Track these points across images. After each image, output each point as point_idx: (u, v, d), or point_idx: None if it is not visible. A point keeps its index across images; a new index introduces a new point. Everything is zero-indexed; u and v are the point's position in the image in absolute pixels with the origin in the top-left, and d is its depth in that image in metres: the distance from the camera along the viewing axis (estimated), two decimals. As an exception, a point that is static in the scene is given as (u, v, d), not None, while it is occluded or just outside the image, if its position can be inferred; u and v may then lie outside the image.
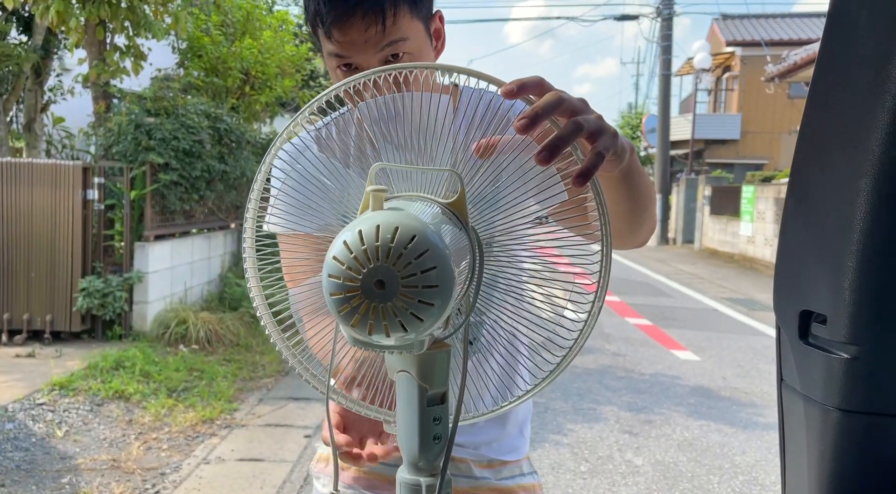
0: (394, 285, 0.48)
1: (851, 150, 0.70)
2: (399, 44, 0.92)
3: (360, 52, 0.92)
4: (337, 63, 0.95)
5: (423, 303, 0.49)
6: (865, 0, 0.66)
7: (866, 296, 0.70)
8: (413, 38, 0.94)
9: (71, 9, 5.51)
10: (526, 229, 0.69)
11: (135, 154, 5.74)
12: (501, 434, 1.10)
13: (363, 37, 0.91)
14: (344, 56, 0.93)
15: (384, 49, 0.92)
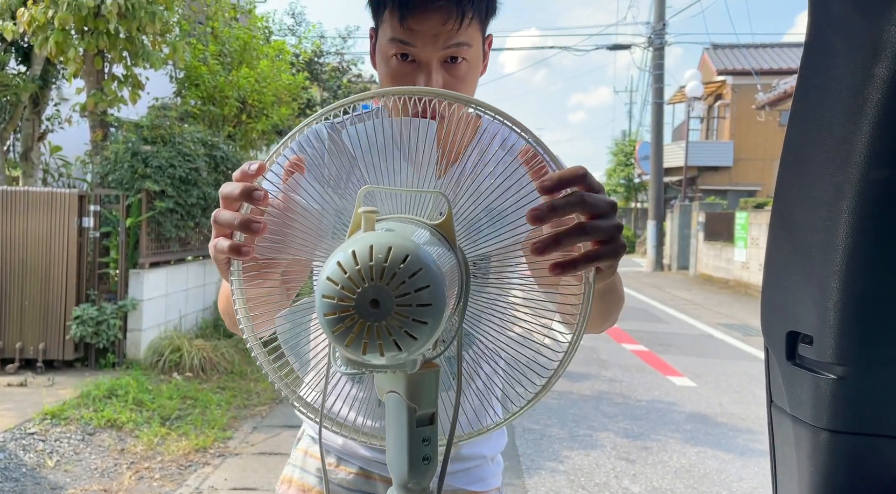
0: (388, 304, 0.49)
1: (832, 172, 0.71)
2: (463, 48, 0.93)
3: (427, 45, 0.92)
4: (396, 51, 0.93)
5: (417, 321, 0.50)
6: (841, 28, 0.69)
7: (851, 317, 0.71)
8: (474, 47, 0.95)
9: (70, 39, 5.57)
10: (512, 250, 0.70)
11: (131, 182, 5.76)
12: (469, 463, 1.06)
13: (437, 30, 0.91)
14: (409, 44, 0.92)
15: (449, 48, 0.92)
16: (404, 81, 0.93)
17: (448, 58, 0.93)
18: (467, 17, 0.91)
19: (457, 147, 0.72)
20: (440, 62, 0.93)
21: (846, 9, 0.66)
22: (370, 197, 0.66)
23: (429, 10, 0.90)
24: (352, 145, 0.69)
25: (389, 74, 0.95)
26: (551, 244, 0.60)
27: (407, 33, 0.91)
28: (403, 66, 0.94)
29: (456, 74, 0.94)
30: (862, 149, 0.68)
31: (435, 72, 0.93)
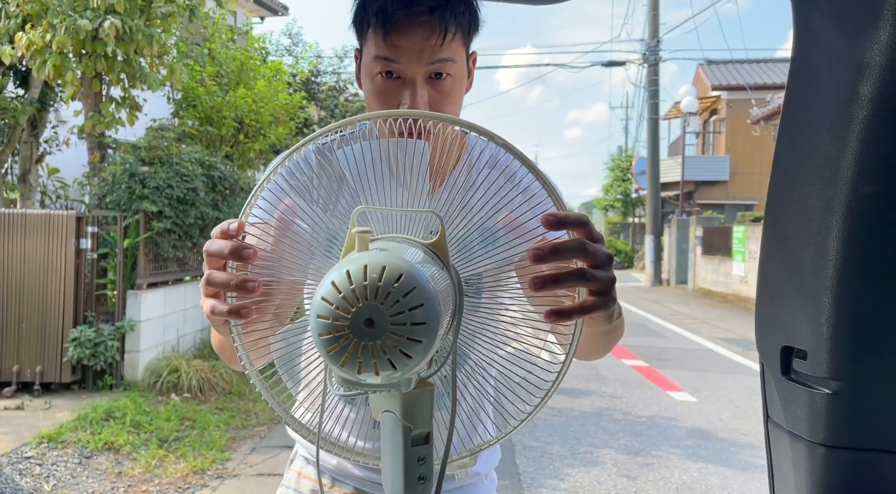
0: (382, 323, 0.49)
1: (821, 188, 0.72)
2: (447, 63, 0.93)
3: (411, 61, 0.92)
4: (381, 68, 0.93)
5: (412, 340, 0.50)
6: (825, 47, 0.70)
7: (844, 331, 0.71)
8: (459, 63, 0.95)
9: (68, 62, 5.61)
10: (505, 269, 0.71)
11: (129, 203, 5.77)
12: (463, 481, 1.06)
13: (420, 45, 0.91)
14: (393, 61, 0.92)
15: (434, 64, 0.92)
16: (389, 98, 0.94)
17: (433, 73, 0.93)
18: (450, 32, 0.92)
19: (444, 166, 0.73)
20: (425, 78, 0.93)
21: (830, 29, 0.68)
22: (363, 217, 0.66)
23: (412, 25, 0.90)
24: (347, 167, 0.70)
25: (374, 92, 0.95)
26: (551, 283, 0.61)
27: (391, 50, 0.92)
28: (388, 83, 0.94)
29: (441, 89, 0.94)
30: (849, 165, 0.68)
31: (420, 88, 0.93)
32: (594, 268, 0.64)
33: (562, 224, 0.63)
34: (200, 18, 6.80)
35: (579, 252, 0.63)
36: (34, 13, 5.43)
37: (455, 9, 0.92)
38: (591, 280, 0.63)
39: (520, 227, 0.68)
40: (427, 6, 0.90)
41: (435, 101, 0.94)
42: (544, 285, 0.61)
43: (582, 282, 0.63)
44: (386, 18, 0.90)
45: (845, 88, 0.66)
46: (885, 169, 0.67)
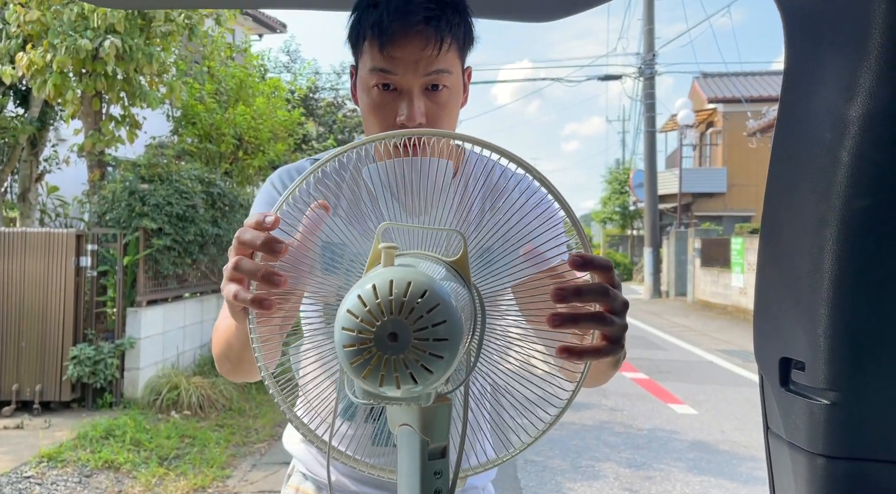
0: (406, 337, 0.50)
1: (815, 203, 0.74)
2: (443, 75, 0.94)
3: (407, 72, 0.92)
4: (377, 80, 0.94)
5: (434, 356, 0.51)
6: (816, 68, 0.71)
7: (841, 343, 0.73)
8: (454, 75, 0.96)
9: (68, 82, 5.65)
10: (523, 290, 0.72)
11: (128, 220, 5.78)
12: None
13: (417, 55, 0.91)
14: (390, 72, 0.92)
15: (430, 75, 0.93)
16: (386, 111, 0.94)
17: (429, 85, 0.94)
18: (446, 43, 0.92)
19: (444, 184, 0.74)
20: (421, 89, 0.94)
21: (820, 47, 0.70)
22: (387, 233, 0.67)
23: (408, 35, 0.91)
24: (372, 183, 0.71)
25: (371, 105, 0.96)
26: (569, 322, 0.62)
27: (387, 61, 0.92)
28: (384, 95, 0.94)
29: (437, 100, 0.95)
30: (842, 180, 0.70)
31: (416, 99, 0.93)
32: (611, 313, 0.65)
33: (588, 266, 0.64)
34: (199, 37, 6.86)
35: (601, 296, 0.64)
36: (35, 33, 5.47)
37: (450, 20, 0.93)
38: (608, 325, 0.64)
39: (538, 256, 0.68)
40: (423, 16, 0.90)
41: (432, 113, 0.94)
42: (562, 323, 0.62)
43: (600, 326, 0.64)
44: (382, 30, 0.91)
45: (836, 104, 0.68)
46: (877, 183, 0.69)
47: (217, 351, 0.95)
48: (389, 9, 0.91)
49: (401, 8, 0.90)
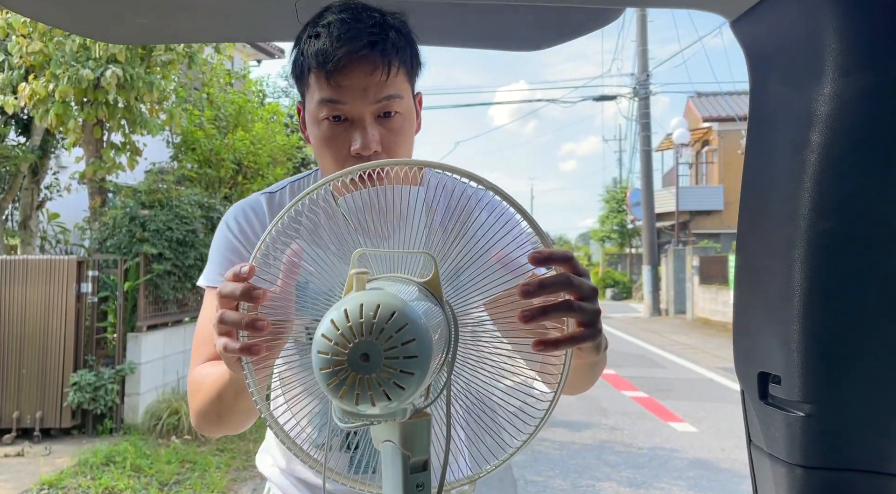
0: (377, 357, 0.54)
1: (783, 225, 0.78)
2: (394, 100, 0.92)
3: (357, 99, 0.90)
4: (327, 113, 0.92)
5: (405, 373, 0.54)
6: (778, 99, 0.76)
7: (813, 356, 0.77)
8: (406, 99, 0.95)
9: (70, 111, 5.73)
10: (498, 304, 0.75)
11: (129, 246, 5.83)
12: None
13: (365, 82, 0.90)
14: (339, 102, 0.91)
15: (381, 101, 0.91)
16: (338, 143, 0.93)
17: (381, 112, 0.92)
18: (394, 67, 0.91)
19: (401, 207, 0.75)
20: (374, 117, 0.92)
21: (781, 85, 0.75)
22: (364, 259, 0.71)
23: (353, 62, 0.89)
24: (347, 212, 0.74)
25: (322, 138, 0.94)
26: (539, 315, 0.65)
27: (336, 91, 0.90)
28: (335, 127, 0.92)
29: (391, 127, 0.93)
30: (806, 203, 0.75)
31: (370, 127, 0.91)
32: (580, 301, 0.67)
33: (548, 260, 0.67)
34: (199, 64, 6.96)
35: (566, 286, 0.66)
36: (37, 64, 5.56)
37: (396, 43, 0.91)
38: (578, 311, 0.66)
39: (510, 263, 0.72)
40: (367, 41, 0.89)
41: (387, 140, 0.93)
42: (533, 318, 0.65)
43: (569, 313, 0.66)
44: (326, 58, 0.89)
45: (797, 132, 0.73)
46: (839, 206, 0.73)
47: (201, 406, 0.93)
48: (332, 37, 0.89)
49: (343, 35, 0.89)
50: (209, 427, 0.95)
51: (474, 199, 0.77)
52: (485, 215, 0.75)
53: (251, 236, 1.04)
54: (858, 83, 0.66)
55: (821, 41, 0.67)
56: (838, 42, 0.66)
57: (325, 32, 0.90)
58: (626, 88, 20.38)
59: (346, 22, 0.90)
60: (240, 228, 1.05)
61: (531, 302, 0.67)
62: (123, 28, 1.13)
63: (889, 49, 0.65)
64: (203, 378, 0.94)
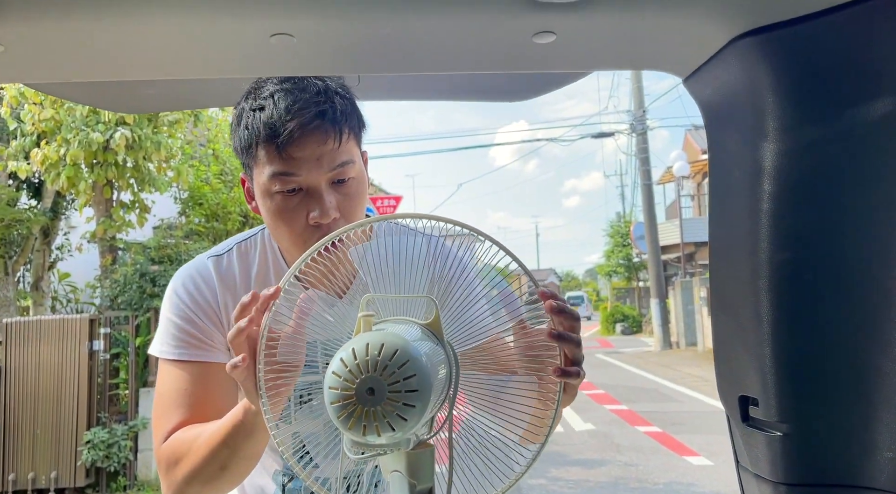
0: (381, 391, 0.60)
1: (747, 257, 0.86)
2: (347, 166, 0.92)
3: (311, 170, 0.90)
4: (281, 186, 0.91)
5: (407, 405, 0.61)
6: (732, 153, 0.85)
7: (785, 378, 0.83)
8: (357, 163, 0.95)
9: (80, 173, 5.91)
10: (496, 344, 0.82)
11: (139, 302, 5.92)
12: None
13: (318, 152, 0.89)
14: (293, 174, 0.90)
15: (335, 169, 0.91)
16: (294, 214, 0.92)
17: (335, 179, 0.92)
18: (345, 133, 0.91)
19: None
20: (328, 184, 0.92)
21: (733, 141, 0.83)
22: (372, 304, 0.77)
23: (305, 133, 0.88)
24: (358, 262, 0.78)
25: (276, 211, 0.93)
26: (562, 337, 0.74)
27: (288, 163, 0.89)
28: (289, 198, 0.91)
29: (347, 192, 0.94)
30: (764, 238, 0.82)
31: (326, 194, 0.91)
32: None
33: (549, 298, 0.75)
34: (204, 122, 7.16)
35: (576, 321, 0.76)
36: (49, 130, 5.76)
37: (343, 109, 0.92)
38: (578, 349, 0.76)
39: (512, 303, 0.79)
40: (316, 111, 0.89)
41: (344, 205, 0.93)
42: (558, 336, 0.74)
43: (576, 348, 0.75)
44: (276, 131, 0.88)
45: (751, 181, 0.81)
46: (793, 239, 0.81)
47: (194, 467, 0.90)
48: (279, 109, 0.89)
49: (291, 107, 0.88)
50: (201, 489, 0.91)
51: (468, 249, 0.83)
52: (474, 261, 0.81)
53: (202, 304, 1.03)
54: (797, 134, 0.75)
55: (762, 97, 0.75)
56: (776, 98, 0.74)
57: (271, 104, 0.89)
58: (623, 125, 20.67)
59: (290, 92, 0.90)
60: (190, 296, 1.03)
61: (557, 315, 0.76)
62: (133, 99, 1.21)
63: (821, 103, 0.73)
64: (191, 440, 0.92)
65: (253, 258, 1.08)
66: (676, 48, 0.80)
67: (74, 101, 1.25)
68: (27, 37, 0.67)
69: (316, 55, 0.75)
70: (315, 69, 0.82)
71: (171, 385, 1.02)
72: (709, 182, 0.90)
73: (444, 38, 0.74)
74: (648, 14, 0.73)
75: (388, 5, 0.68)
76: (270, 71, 0.78)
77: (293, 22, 0.67)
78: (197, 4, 0.65)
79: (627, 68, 0.85)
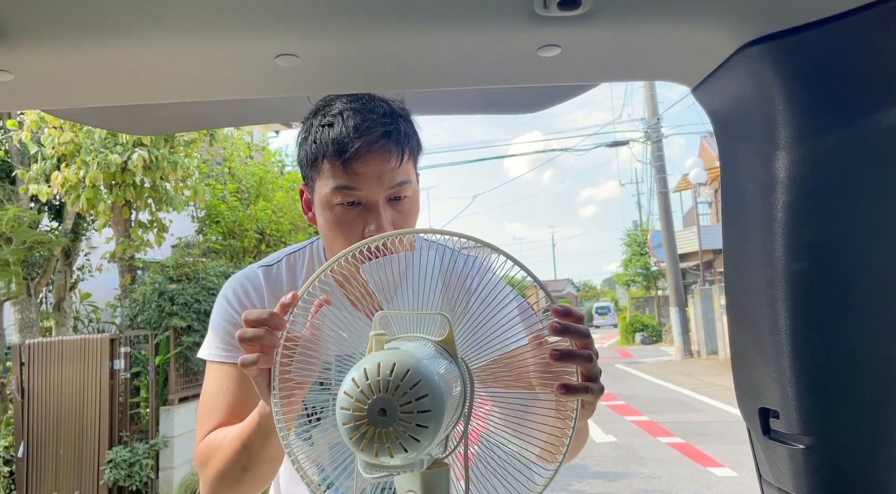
0: (393, 412, 0.59)
1: (762, 267, 0.84)
2: (405, 185, 0.97)
3: (373, 186, 0.95)
4: (342, 198, 0.96)
5: (419, 426, 0.59)
6: (744, 163, 0.84)
7: (806, 389, 0.81)
8: (413, 183, 1.00)
9: (99, 194, 6.00)
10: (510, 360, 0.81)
11: (159, 320, 5.97)
12: None
13: (380, 170, 0.94)
14: (355, 189, 0.95)
15: (394, 187, 0.96)
16: (352, 226, 0.97)
17: (393, 196, 0.97)
18: (405, 155, 0.97)
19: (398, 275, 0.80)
20: (386, 201, 0.96)
21: (745, 152, 0.82)
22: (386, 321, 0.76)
23: (371, 151, 0.94)
24: (370, 278, 0.79)
25: (335, 222, 0.98)
26: (567, 356, 0.73)
27: (352, 178, 0.94)
28: (349, 211, 0.96)
29: (402, 210, 0.98)
30: (779, 247, 0.81)
31: (383, 210, 0.96)
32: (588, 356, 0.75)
33: (565, 315, 0.75)
34: (220, 141, 7.25)
35: (587, 338, 0.75)
36: (69, 153, 5.86)
37: (407, 132, 0.98)
38: (593, 365, 0.74)
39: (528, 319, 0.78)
40: (382, 131, 0.94)
41: (398, 221, 0.98)
42: (562, 357, 0.72)
43: (587, 363, 0.74)
44: (343, 147, 0.93)
45: (763, 190, 0.80)
46: (807, 248, 0.79)
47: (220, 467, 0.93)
48: (348, 126, 0.94)
49: (360, 125, 0.94)
50: (229, 489, 0.95)
51: (469, 262, 0.83)
52: (489, 277, 0.81)
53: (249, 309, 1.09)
54: (808, 140, 0.73)
55: (771, 105, 0.74)
56: (786, 105, 0.73)
57: (340, 122, 0.95)
58: (638, 133, 20.61)
59: (359, 112, 0.96)
60: (239, 301, 1.08)
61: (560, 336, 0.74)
62: (149, 122, 1.23)
63: (831, 108, 0.72)
64: (219, 441, 0.96)
65: (300, 270, 1.12)
66: (684, 58, 0.79)
67: (89, 124, 1.27)
68: (36, 64, 0.68)
69: (321, 74, 0.76)
70: (321, 88, 0.83)
71: (213, 387, 1.05)
72: (721, 192, 0.89)
73: (448, 54, 0.74)
74: (654, 24, 0.72)
75: (392, 23, 0.68)
76: (276, 91, 0.79)
77: (297, 43, 0.68)
78: (202, 28, 0.66)
79: (634, 79, 0.85)
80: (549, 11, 0.65)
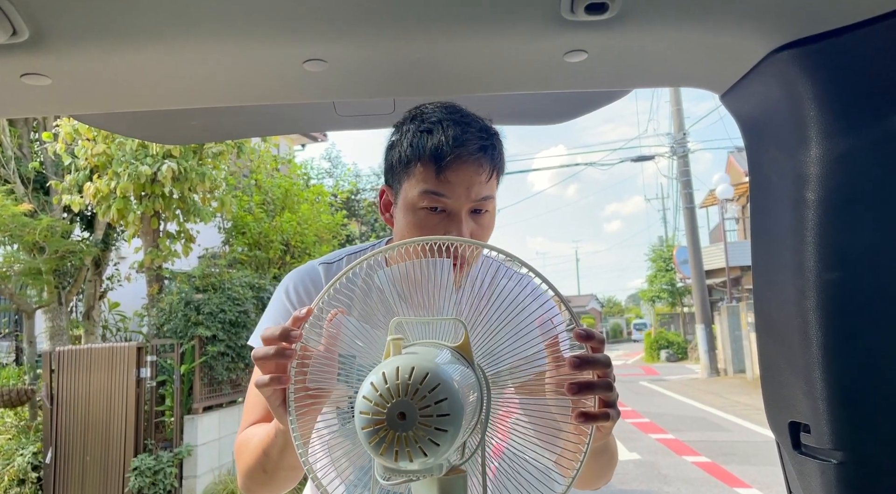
0: (413, 415, 0.59)
1: (793, 278, 0.83)
2: (488, 200, 1.00)
3: (460, 196, 0.98)
4: (428, 203, 0.98)
5: (439, 430, 0.59)
6: (773, 163, 0.83)
7: (838, 403, 0.79)
8: (494, 200, 1.03)
9: (129, 205, 6.11)
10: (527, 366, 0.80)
11: (184, 330, 6.03)
12: None
13: (470, 181, 0.97)
14: (442, 195, 0.97)
15: (479, 201, 0.99)
16: (434, 231, 0.99)
17: (475, 209, 1.00)
18: (495, 171, 1.00)
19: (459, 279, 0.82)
20: (468, 212, 0.99)
21: (773, 149, 0.81)
22: (401, 327, 0.76)
23: (465, 162, 0.97)
24: (388, 285, 0.79)
25: (417, 224, 1.00)
26: (585, 388, 0.72)
27: (442, 185, 0.97)
28: (432, 216, 0.99)
29: (481, 223, 1.01)
30: (810, 256, 0.80)
31: (465, 221, 0.98)
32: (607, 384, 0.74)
33: (587, 338, 0.74)
34: (247, 153, 7.35)
35: (606, 367, 0.74)
36: (101, 164, 5.98)
37: (497, 149, 1.01)
38: (611, 392, 0.74)
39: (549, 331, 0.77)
40: (479, 145, 0.98)
41: (476, 233, 1.01)
42: (580, 390, 0.72)
43: (607, 392, 0.73)
44: (441, 155, 0.96)
45: (793, 194, 0.79)
46: (839, 258, 0.78)
47: (248, 466, 0.96)
48: (448, 135, 0.98)
49: (459, 137, 0.98)
50: (255, 487, 0.97)
51: (508, 275, 0.83)
52: (511, 285, 0.80)
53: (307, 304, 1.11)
54: (840, 145, 0.72)
55: (802, 110, 0.73)
56: (818, 109, 0.72)
57: (440, 130, 0.98)
58: (664, 148, 20.46)
59: (458, 123, 1.00)
60: (298, 296, 1.10)
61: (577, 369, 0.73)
62: (179, 131, 1.26)
63: (863, 112, 0.71)
64: (250, 438, 0.98)
65: None
66: (712, 64, 0.78)
67: (121, 134, 1.30)
68: (72, 69, 0.70)
69: (349, 80, 0.77)
70: (348, 93, 0.84)
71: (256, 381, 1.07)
72: (750, 200, 0.87)
73: (475, 59, 0.74)
74: (682, 30, 0.72)
75: (419, 29, 0.69)
76: (304, 96, 0.80)
77: (325, 47, 0.68)
78: (232, 33, 0.67)
79: (662, 85, 0.84)
80: (577, 16, 0.65)
